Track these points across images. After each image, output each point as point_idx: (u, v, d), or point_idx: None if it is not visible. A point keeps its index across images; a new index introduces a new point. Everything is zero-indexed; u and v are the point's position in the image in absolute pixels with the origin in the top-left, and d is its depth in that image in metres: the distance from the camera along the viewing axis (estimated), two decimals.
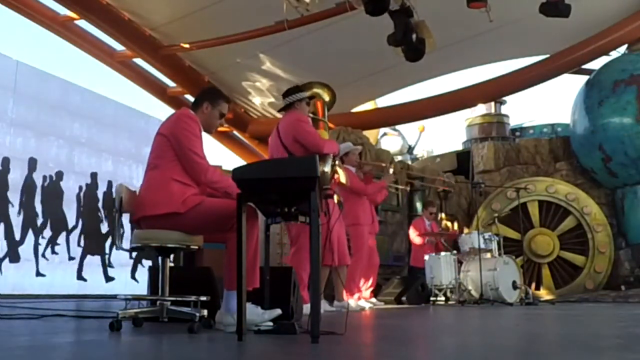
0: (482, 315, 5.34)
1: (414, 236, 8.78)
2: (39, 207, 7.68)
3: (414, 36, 6.93)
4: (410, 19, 6.91)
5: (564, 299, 9.54)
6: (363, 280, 6.75)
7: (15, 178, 7.39)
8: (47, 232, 7.77)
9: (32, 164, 7.64)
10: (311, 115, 5.04)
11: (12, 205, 7.31)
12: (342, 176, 6.28)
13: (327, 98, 5.18)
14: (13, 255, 7.28)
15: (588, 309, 6.64)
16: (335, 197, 5.46)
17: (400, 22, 6.84)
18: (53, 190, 7.94)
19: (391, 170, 7.47)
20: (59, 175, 8.10)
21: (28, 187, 7.56)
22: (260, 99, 10.88)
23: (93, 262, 8.54)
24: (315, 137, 4.69)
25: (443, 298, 7.89)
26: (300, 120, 4.74)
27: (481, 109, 13.70)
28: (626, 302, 8.58)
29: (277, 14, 7.58)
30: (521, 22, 8.80)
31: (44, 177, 7.82)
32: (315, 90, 5.16)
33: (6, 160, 7.32)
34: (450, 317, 5.22)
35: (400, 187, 8.22)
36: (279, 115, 6.09)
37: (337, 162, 5.32)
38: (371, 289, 7.14)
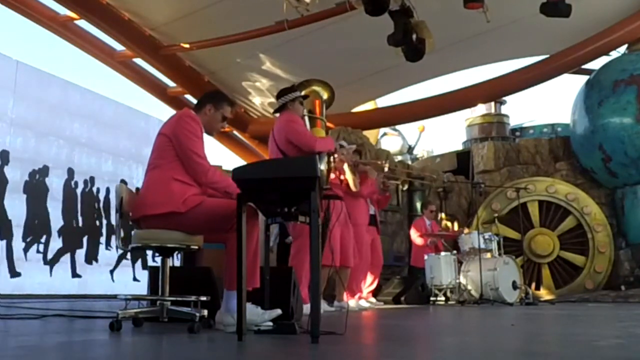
0: (482, 315, 5.34)
1: (415, 237, 8.77)
2: (23, 206, 7.62)
3: (414, 36, 6.94)
4: (410, 19, 6.91)
5: (564, 299, 9.54)
6: (363, 280, 6.76)
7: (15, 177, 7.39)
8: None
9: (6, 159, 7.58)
10: (307, 114, 5.04)
11: None
12: (351, 182, 6.20)
13: (325, 96, 5.14)
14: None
15: (588, 309, 6.63)
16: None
17: (400, 23, 6.85)
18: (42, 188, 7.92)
19: (386, 168, 7.39)
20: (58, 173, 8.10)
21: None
22: (260, 99, 10.87)
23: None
24: (306, 136, 4.66)
25: (443, 298, 7.88)
26: (291, 120, 4.71)
27: (481, 109, 13.69)
28: (626, 302, 8.58)
29: (277, 14, 7.57)
30: (521, 22, 8.80)
31: (32, 174, 7.77)
32: (314, 87, 5.14)
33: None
34: (450, 317, 5.21)
35: (396, 182, 8.17)
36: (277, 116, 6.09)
37: (335, 159, 5.26)
38: (372, 287, 7.14)
